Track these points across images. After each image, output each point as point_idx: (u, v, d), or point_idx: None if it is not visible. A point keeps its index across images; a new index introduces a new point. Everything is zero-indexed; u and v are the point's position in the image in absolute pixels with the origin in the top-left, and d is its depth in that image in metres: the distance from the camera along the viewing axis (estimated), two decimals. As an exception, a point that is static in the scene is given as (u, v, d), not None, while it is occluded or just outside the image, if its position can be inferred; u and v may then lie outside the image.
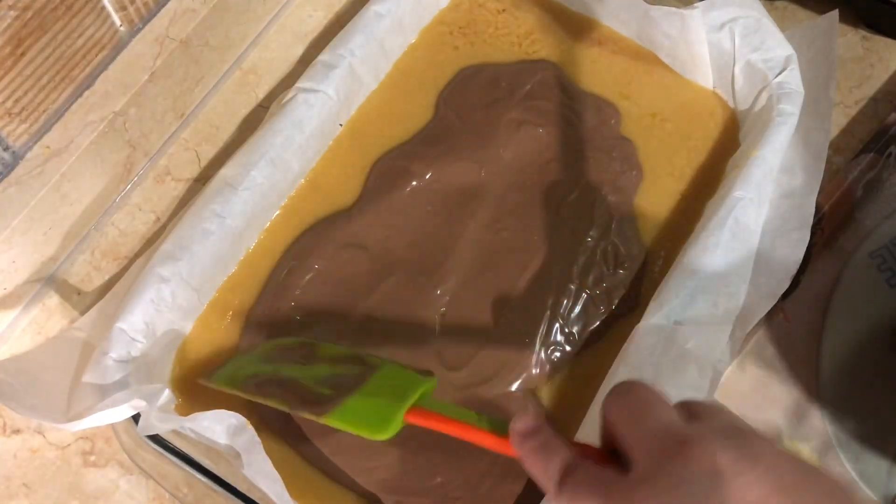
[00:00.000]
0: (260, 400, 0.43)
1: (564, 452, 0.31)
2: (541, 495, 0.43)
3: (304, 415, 0.41)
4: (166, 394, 0.43)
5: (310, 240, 0.52)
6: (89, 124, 0.53)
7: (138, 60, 0.54)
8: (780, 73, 0.51)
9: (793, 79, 0.51)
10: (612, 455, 0.31)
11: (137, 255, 0.53)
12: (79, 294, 0.53)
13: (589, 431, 0.44)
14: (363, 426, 0.40)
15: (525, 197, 0.53)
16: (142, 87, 0.54)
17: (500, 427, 0.36)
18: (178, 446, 0.45)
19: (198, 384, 0.48)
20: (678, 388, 0.42)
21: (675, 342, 0.44)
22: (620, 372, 0.44)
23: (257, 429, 0.43)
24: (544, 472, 0.32)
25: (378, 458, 0.46)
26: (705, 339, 0.44)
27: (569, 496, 0.30)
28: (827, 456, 0.47)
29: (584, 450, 0.32)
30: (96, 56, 0.52)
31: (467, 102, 0.56)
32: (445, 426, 0.38)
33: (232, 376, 0.45)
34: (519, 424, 0.34)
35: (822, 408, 0.48)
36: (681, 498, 0.27)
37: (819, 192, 0.49)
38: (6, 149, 0.49)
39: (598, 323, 0.49)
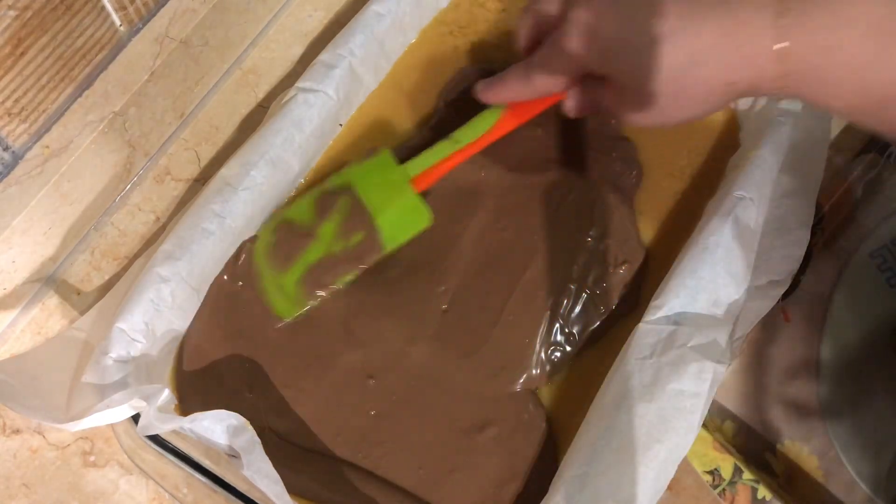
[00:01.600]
0: (331, 289, 0.48)
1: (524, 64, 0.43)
2: (541, 495, 0.43)
3: (370, 262, 0.48)
4: (166, 394, 0.43)
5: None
6: (89, 124, 0.53)
7: (138, 60, 0.54)
8: (780, 73, 0.51)
9: (793, 79, 0.51)
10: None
11: (137, 255, 0.53)
12: (79, 294, 0.53)
13: (590, 432, 0.44)
14: (410, 229, 0.49)
15: (525, 197, 0.53)
16: (142, 87, 0.54)
17: (477, 125, 0.48)
18: (178, 446, 0.45)
19: (198, 384, 0.48)
20: (678, 388, 0.42)
21: (675, 342, 0.44)
22: (620, 372, 0.44)
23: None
24: (516, 89, 0.45)
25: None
26: (705, 339, 0.44)
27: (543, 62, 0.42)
28: (827, 456, 0.47)
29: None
30: (96, 56, 0.52)
31: (467, 102, 0.56)
32: (443, 169, 0.49)
33: (289, 300, 0.49)
34: (480, 91, 0.46)
35: (822, 408, 0.48)
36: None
37: (819, 192, 0.49)
38: (6, 149, 0.49)
39: (598, 323, 0.50)
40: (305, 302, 0.49)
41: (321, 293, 0.49)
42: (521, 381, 0.48)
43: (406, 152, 0.55)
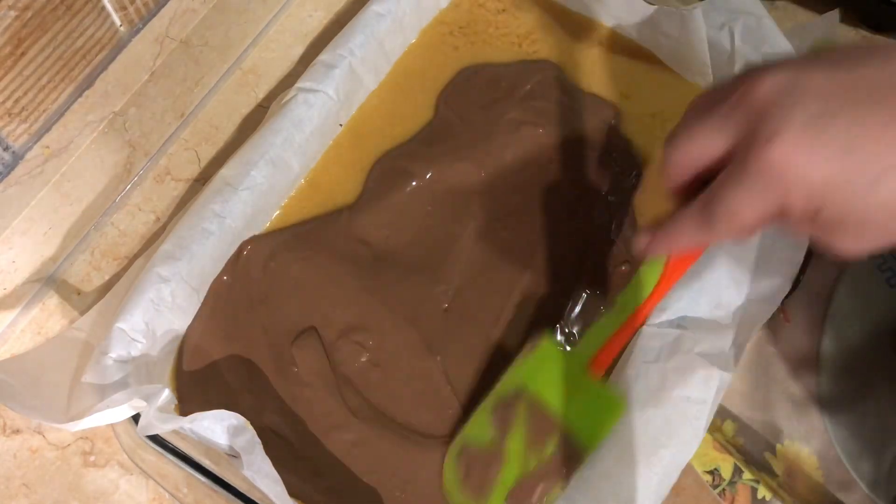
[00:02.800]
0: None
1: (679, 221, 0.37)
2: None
3: (573, 472, 0.42)
4: (166, 394, 0.43)
5: (311, 233, 0.52)
6: (89, 124, 0.53)
7: (138, 60, 0.54)
8: (780, 73, 0.51)
9: (793, 79, 0.51)
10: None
11: (137, 255, 0.53)
12: (79, 294, 0.53)
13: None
14: (608, 423, 0.42)
15: (525, 197, 0.53)
16: (142, 87, 0.54)
17: (641, 285, 0.42)
18: (178, 446, 0.45)
19: (198, 384, 0.48)
20: (685, 394, 0.42)
21: (681, 347, 0.44)
22: (625, 374, 0.44)
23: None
24: (692, 239, 0.36)
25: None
26: (712, 345, 0.44)
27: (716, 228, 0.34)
28: (827, 456, 0.47)
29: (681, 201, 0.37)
30: (96, 56, 0.52)
31: (467, 102, 0.56)
32: (619, 342, 0.43)
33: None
34: (646, 243, 0.39)
35: (822, 408, 0.48)
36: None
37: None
38: (6, 149, 0.49)
39: (598, 323, 0.50)
40: None
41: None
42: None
43: (405, 149, 0.55)
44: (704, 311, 0.45)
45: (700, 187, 0.35)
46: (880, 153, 0.29)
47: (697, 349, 0.44)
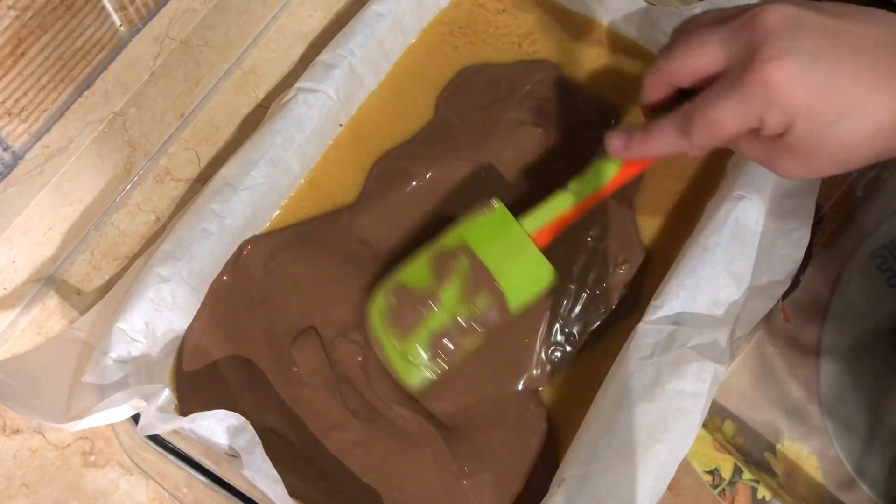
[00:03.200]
0: (459, 357, 0.46)
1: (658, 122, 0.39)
2: (541, 495, 0.43)
3: (497, 327, 0.46)
4: (166, 394, 0.43)
5: (311, 233, 0.52)
6: (89, 124, 0.53)
7: (138, 60, 0.54)
8: (780, 73, 0.51)
9: (793, 79, 0.51)
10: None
11: (137, 255, 0.53)
12: (79, 294, 0.53)
13: (590, 432, 0.44)
14: (535, 287, 0.46)
15: (525, 197, 0.53)
16: (142, 87, 0.54)
17: (595, 176, 0.45)
18: (178, 446, 0.45)
19: (198, 384, 0.48)
20: (678, 388, 0.42)
21: (675, 342, 0.44)
22: (620, 372, 0.44)
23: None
24: (669, 145, 0.40)
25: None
26: (705, 339, 0.44)
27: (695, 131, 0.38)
28: (827, 456, 0.47)
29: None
30: (96, 56, 0.52)
31: (467, 102, 0.56)
32: (562, 223, 0.46)
33: (417, 366, 0.46)
34: (617, 145, 0.42)
35: (822, 408, 0.48)
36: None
37: (819, 192, 0.49)
38: (6, 149, 0.49)
39: (598, 323, 0.50)
40: (433, 369, 0.46)
41: (447, 361, 0.46)
42: (522, 381, 0.48)
43: (405, 149, 0.55)
44: (702, 308, 0.45)
45: (671, 105, 0.39)
46: (849, 96, 0.34)
47: (691, 343, 0.44)
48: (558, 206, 0.46)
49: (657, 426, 0.42)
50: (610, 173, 0.45)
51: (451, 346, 0.46)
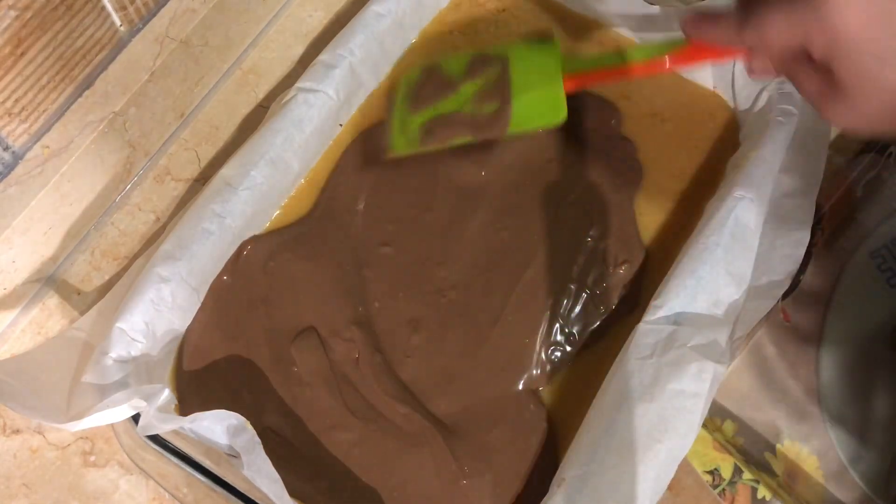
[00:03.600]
0: (444, 146, 0.47)
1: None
2: (541, 495, 0.43)
3: (489, 136, 0.47)
4: (166, 394, 0.43)
5: (311, 233, 0.52)
6: (89, 124, 0.53)
7: (138, 60, 0.54)
8: (780, 73, 0.51)
9: (793, 79, 0.51)
10: None
11: (137, 255, 0.53)
12: (79, 294, 0.53)
13: (590, 432, 0.44)
14: (541, 119, 0.47)
15: (525, 197, 0.53)
16: (142, 87, 0.54)
17: (652, 48, 0.44)
18: (178, 446, 0.45)
19: (198, 384, 0.48)
20: (678, 388, 0.42)
21: (675, 342, 0.44)
22: (620, 372, 0.44)
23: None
24: (729, 37, 0.39)
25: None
26: (705, 339, 0.44)
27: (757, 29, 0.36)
28: (827, 456, 0.47)
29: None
30: (96, 56, 0.52)
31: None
32: (601, 76, 0.46)
33: (407, 138, 0.49)
34: (689, 23, 0.41)
35: (822, 408, 0.48)
36: None
37: (819, 192, 0.49)
38: (6, 149, 0.49)
39: (598, 323, 0.49)
40: (416, 146, 0.49)
41: (433, 144, 0.48)
42: (522, 381, 0.48)
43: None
44: (702, 308, 0.45)
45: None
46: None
47: (691, 343, 0.44)
48: (606, 61, 0.46)
49: (657, 426, 0.42)
50: (665, 50, 0.44)
51: (441, 133, 0.48)
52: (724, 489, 0.46)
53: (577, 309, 0.49)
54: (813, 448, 0.47)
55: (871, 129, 0.35)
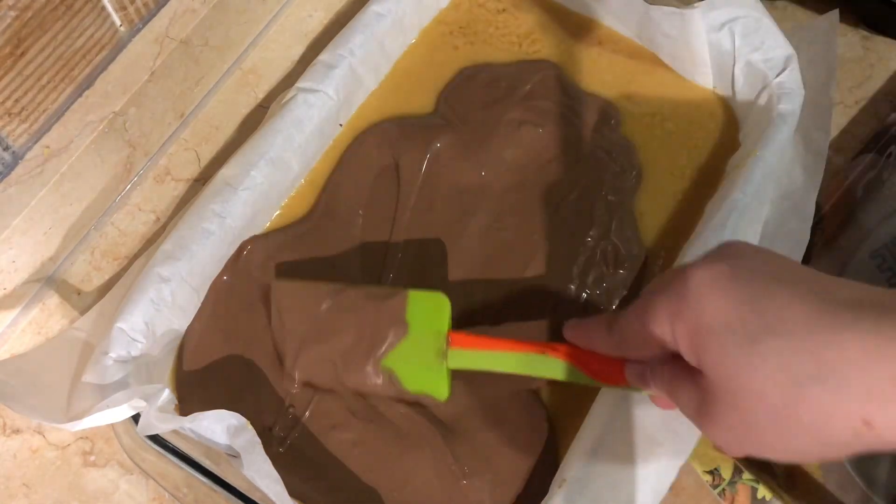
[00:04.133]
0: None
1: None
2: (541, 495, 0.43)
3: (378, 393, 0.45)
4: (166, 394, 0.43)
5: (311, 233, 0.52)
6: (89, 124, 0.53)
7: (138, 60, 0.54)
8: (780, 73, 0.51)
9: (793, 79, 0.51)
10: None
11: (137, 255, 0.53)
12: (79, 294, 0.53)
13: (590, 432, 0.44)
14: (425, 385, 0.44)
15: (525, 197, 0.53)
16: (142, 87, 0.54)
17: (544, 363, 0.41)
18: (178, 446, 0.45)
19: (198, 384, 0.48)
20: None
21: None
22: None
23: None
24: (598, 338, 0.38)
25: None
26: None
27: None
28: (827, 456, 0.47)
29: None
30: (96, 56, 0.52)
31: (467, 102, 0.56)
32: (491, 345, 0.42)
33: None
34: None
35: (822, 408, 0.48)
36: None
37: (819, 192, 0.49)
38: (6, 149, 0.49)
39: (598, 323, 0.49)
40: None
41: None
42: (522, 381, 0.48)
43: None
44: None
45: None
46: (791, 319, 0.28)
47: None
48: (495, 364, 0.43)
49: (659, 428, 0.42)
50: (554, 368, 0.42)
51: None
52: (724, 489, 0.46)
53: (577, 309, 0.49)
54: (813, 448, 0.47)
55: (745, 451, 0.30)
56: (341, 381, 0.45)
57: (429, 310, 0.44)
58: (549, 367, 0.41)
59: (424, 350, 0.44)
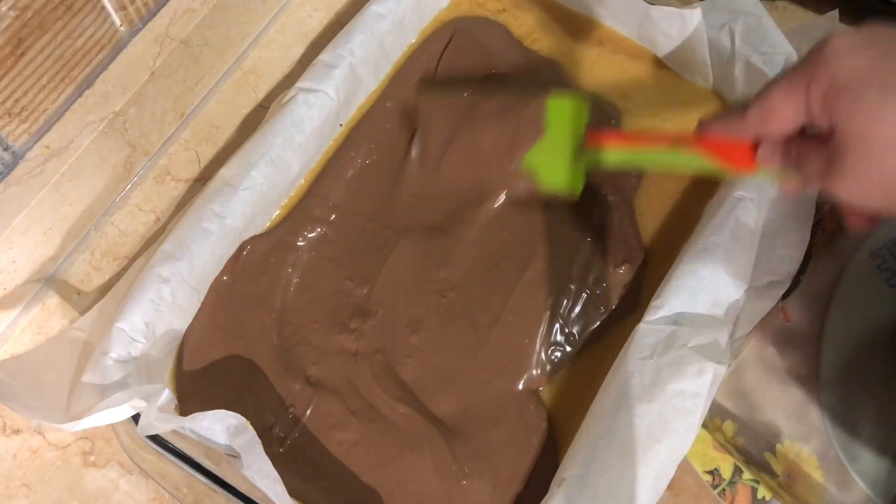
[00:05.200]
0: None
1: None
2: (541, 495, 0.43)
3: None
4: (166, 394, 0.43)
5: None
6: (89, 124, 0.53)
7: (138, 60, 0.54)
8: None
9: (793, 79, 0.51)
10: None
11: (137, 255, 0.53)
12: (79, 294, 0.53)
13: (590, 432, 0.44)
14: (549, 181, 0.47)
15: (525, 197, 0.53)
16: (142, 87, 0.54)
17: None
18: (178, 446, 0.45)
19: (198, 384, 0.48)
20: (678, 388, 0.42)
21: (675, 342, 0.44)
22: (620, 372, 0.44)
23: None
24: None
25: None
26: (705, 339, 0.44)
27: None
28: (827, 456, 0.47)
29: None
30: (96, 56, 0.52)
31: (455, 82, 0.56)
32: (628, 141, 0.44)
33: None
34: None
35: (822, 408, 0.48)
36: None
37: (819, 193, 0.49)
38: (6, 149, 0.49)
39: (598, 323, 0.49)
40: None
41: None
42: (522, 381, 0.48)
43: None
44: (702, 308, 0.45)
45: None
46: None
47: (691, 343, 0.44)
48: (631, 158, 0.44)
49: (657, 426, 0.42)
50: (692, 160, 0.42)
51: None
52: (724, 489, 0.46)
53: (577, 309, 0.49)
54: (813, 448, 0.47)
55: (875, 201, 0.32)
56: (484, 180, 0.51)
57: (566, 113, 0.47)
58: (684, 158, 0.42)
59: (562, 149, 0.46)
